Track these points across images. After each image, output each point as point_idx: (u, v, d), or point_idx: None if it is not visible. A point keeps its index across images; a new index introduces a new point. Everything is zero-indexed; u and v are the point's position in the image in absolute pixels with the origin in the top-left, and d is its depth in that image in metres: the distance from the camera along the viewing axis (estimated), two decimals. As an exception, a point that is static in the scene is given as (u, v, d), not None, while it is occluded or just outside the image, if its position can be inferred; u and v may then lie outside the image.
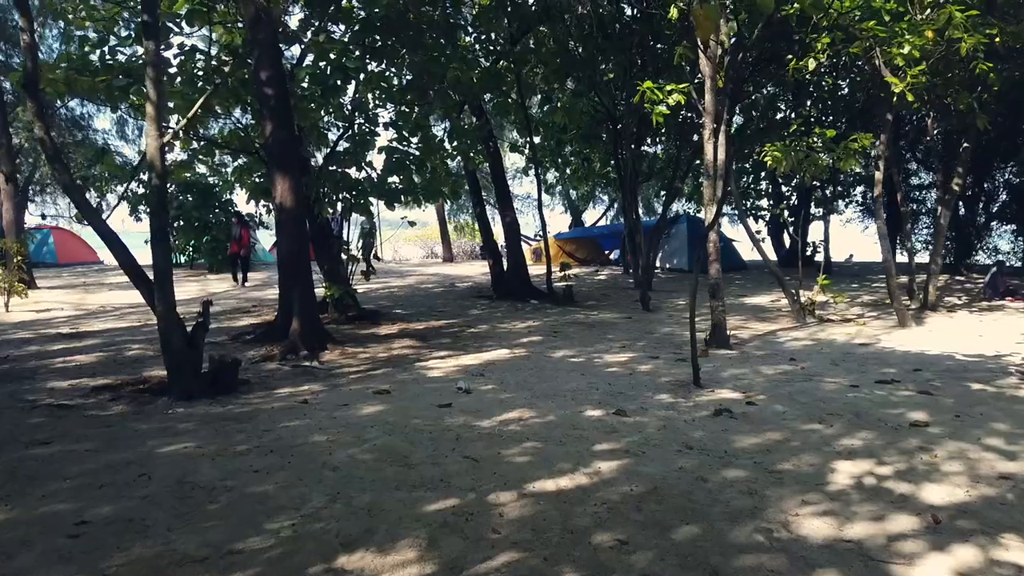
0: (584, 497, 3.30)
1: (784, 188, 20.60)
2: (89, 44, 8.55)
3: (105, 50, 8.45)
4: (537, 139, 15.69)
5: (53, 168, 6.45)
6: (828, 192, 16.76)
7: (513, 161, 27.27)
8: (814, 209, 19.54)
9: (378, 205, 12.85)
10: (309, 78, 9.37)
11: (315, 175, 9.77)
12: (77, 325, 9.33)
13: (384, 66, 10.20)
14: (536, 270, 15.24)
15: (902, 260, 13.32)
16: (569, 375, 6.40)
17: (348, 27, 9.64)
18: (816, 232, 19.32)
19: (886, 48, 7.82)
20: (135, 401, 5.32)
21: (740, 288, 14.82)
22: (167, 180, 6.72)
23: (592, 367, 6.84)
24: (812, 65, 7.96)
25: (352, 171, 10.17)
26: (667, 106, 6.57)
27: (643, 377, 6.31)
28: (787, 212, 18.89)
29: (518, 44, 12.46)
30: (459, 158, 12.19)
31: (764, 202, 20.48)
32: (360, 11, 9.31)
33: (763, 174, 18.35)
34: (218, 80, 8.63)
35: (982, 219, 18.68)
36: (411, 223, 12.96)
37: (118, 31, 8.94)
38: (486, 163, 14.15)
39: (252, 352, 7.45)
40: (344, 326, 9.48)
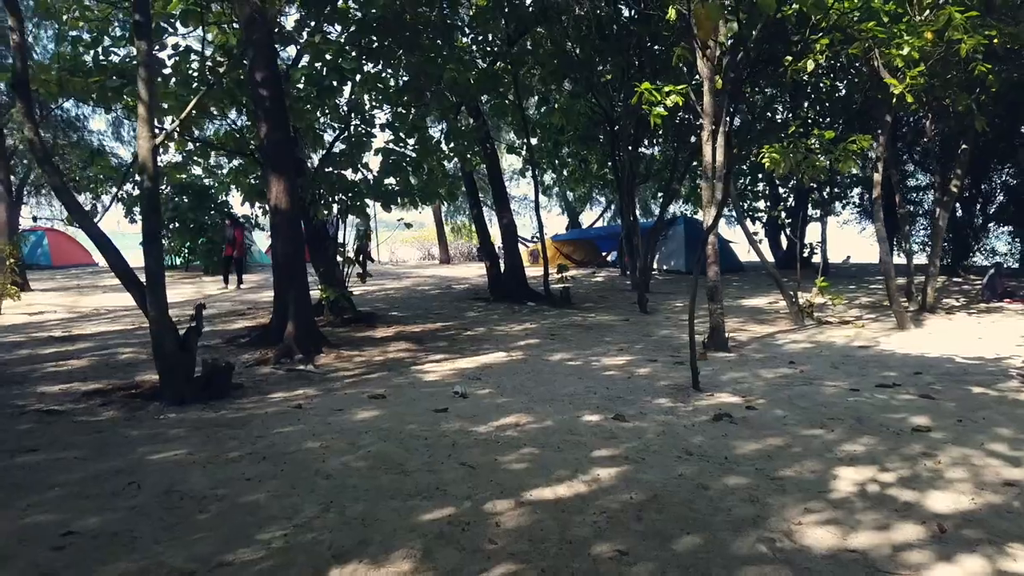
0: (583, 506, 3.23)
1: (781, 190, 20.62)
2: (83, 44, 8.48)
3: (99, 51, 8.37)
4: (534, 140, 15.64)
5: (43, 169, 6.37)
6: (826, 194, 16.73)
7: (510, 162, 27.22)
8: (811, 211, 19.55)
9: (375, 207, 12.79)
10: (305, 79, 9.32)
11: (311, 177, 9.71)
12: (70, 328, 9.23)
13: (380, 67, 10.14)
14: (533, 272, 15.20)
15: (900, 262, 13.30)
16: (567, 379, 6.33)
17: (344, 28, 9.57)
18: (813, 234, 19.35)
19: (885, 49, 7.78)
20: (126, 406, 5.24)
21: (737, 290, 14.77)
22: (159, 182, 6.65)
23: (590, 370, 6.77)
24: (811, 66, 7.92)
25: (348, 173, 10.12)
26: (665, 107, 6.55)
27: (641, 381, 6.25)
28: (784, 214, 18.92)
29: (515, 45, 12.42)
30: (456, 159, 12.13)
31: (761, 203, 20.50)
32: (356, 11, 9.25)
33: (760, 175, 18.33)
34: (213, 81, 8.56)
35: (980, 221, 18.68)
36: (408, 225, 12.88)
37: (112, 31, 8.87)
38: (483, 164, 14.12)
39: (246, 356, 7.38)
40: (340, 329, 9.41)
